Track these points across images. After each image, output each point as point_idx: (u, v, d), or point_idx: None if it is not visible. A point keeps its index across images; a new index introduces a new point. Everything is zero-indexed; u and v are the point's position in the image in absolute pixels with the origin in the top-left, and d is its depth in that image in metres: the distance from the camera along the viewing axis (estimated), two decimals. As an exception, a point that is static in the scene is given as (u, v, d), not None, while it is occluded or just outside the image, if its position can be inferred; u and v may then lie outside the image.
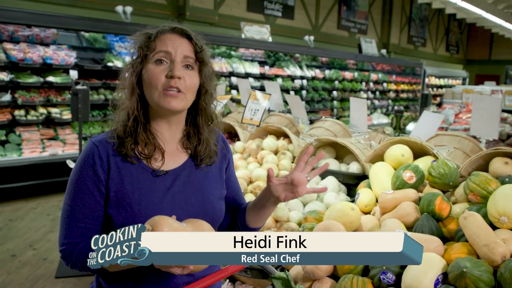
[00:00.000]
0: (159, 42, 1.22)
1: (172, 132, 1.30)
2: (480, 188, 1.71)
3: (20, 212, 5.06)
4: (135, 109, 1.23)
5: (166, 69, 1.20)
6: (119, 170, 1.22)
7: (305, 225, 1.82)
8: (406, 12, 16.57)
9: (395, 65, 14.02)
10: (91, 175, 1.20)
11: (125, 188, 1.21)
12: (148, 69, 1.21)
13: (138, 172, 1.23)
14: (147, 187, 1.22)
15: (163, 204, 1.23)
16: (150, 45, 1.22)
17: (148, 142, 1.24)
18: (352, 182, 2.33)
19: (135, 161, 1.23)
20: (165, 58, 1.21)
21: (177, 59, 1.21)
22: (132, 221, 1.19)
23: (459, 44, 21.41)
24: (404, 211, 1.77)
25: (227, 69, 8.18)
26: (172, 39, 1.22)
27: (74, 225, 1.20)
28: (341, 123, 3.09)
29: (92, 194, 1.20)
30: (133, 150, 1.23)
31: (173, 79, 1.19)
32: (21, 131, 5.69)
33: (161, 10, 8.60)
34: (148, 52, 1.22)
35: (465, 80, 17.41)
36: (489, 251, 1.40)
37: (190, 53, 1.23)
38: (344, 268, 1.55)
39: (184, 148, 1.32)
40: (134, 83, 1.23)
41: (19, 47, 5.63)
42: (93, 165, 1.20)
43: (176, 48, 1.21)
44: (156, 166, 1.26)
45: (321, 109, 10.57)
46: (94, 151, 1.21)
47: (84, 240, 1.22)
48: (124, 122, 1.25)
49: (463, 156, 2.43)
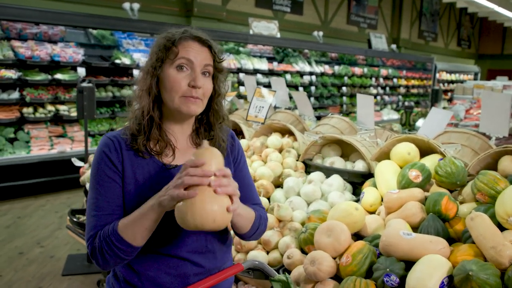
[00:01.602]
0: (182, 49, 1.26)
1: (183, 130, 1.36)
2: (488, 188, 1.66)
3: (28, 210, 5.09)
4: (151, 109, 1.29)
5: (188, 77, 1.25)
6: (132, 163, 1.28)
7: (308, 225, 1.79)
8: (416, 6, 16.38)
9: (405, 61, 13.86)
10: (110, 164, 1.26)
11: (137, 180, 1.27)
12: (169, 74, 1.26)
13: (150, 166, 1.29)
14: (158, 180, 1.28)
15: None
16: (172, 50, 1.26)
17: (161, 139, 1.31)
18: (358, 181, 2.29)
19: (147, 156, 1.29)
20: (186, 65, 1.26)
21: (198, 68, 1.26)
22: None
23: (470, 38, 21.12)
24: (409, 211, 1.72)
25: (235, 65, 8.15)
26: (195, 48, 1.27)
27: (100, 214, 1.25)
28: (348, 120, 3.05)
29: (114, 181, 1.26)
30: (144, 146, 1.29)
31: (195, 88, 1.25)
32: (30, 129, 5.72)
33: (169, 6, 8.58)
34: (170, 57, 1.26)
35: (476, 75, 17.16)
36: (497, 254, 1.35)
37: (209, 61, 1.30)
38: (347, 270, 1.52)
39: (194, 144, 1.38)
40: (153, 84, 1.28)
41: (27, 45, 5.65)
42: (109, 156, 1.26)
43: (197, 57, 1.27)
44: (166, 161, 1.32)
45: (330, 105, 10.50)
46: (110, 144, 1.28)
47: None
48: (138, 120, 1.30)
49: (472, 153, 2.37)
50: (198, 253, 1.32)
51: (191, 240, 1.31)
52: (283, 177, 2.37)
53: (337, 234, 1.61)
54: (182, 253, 1.29)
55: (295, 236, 1.89)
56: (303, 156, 2.53)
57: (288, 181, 2.22)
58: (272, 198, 2.23)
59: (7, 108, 5.56)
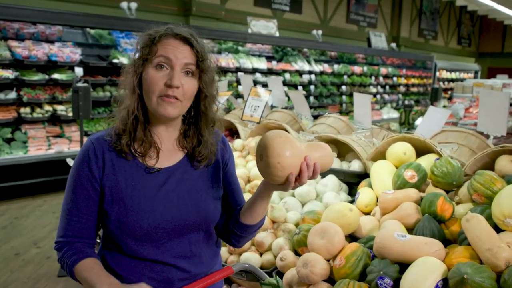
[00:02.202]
0: (161, 47, 1.22)
1: (169, 133, 1.32)
2: (484, 188, 1.63)
3: (25, 210, 5.07)
4: (135, 109, 1.25)
5: (166, 76, 1.21)
6: (114, 166, 1.25)
7: (302, 227, 1.76)
8: (416, 4, 16.32)
9: (405, 59, 13.81)
10: (86, 172, 1.24)
11: (118, 183, 1.24)
12: (148, 73, 1.22)
13: (132, 169, 1.26)
14: (140, 183, 1.25)
15: (156, 200, 1.25)
16: (152, 48, 1.22)
17: (145, 140, 1.27)
18: (354, 181, 2.26)
19: (130, 158, 1.26)
20: (165, 64, 1.21)
21: (177, 67, 1.21)
22: (125, 216, 1.23)
23: (471, 37, 21.05)
24: (404, 212, 1.69)
25: (234, 64, 8.11)
26: (174, 45, 1.22)
27: (69, 218, 1.26)
28: (344, 119, 3.02)
29: (86, 190, 1.24)
30: (128, 146, 1.26)
31: (171, 88, 1.20)
32: (27, 129, 5.69)
33: (167, 5, 8.54)
34: (150, 56, 1.22)
35: (477, 74, 17.11)
36: (492, 256, 1.33)
37: (191, 60, 1.24)
38: (340, 272, 1.49)
39: (180, 147, 1.34)
40: (135, 84, 1.24)
41: (24, 45, 5.62)
42: (88, 162, 1.24)
43: (177, 55, 1.21)
44: (150, 164, 1.28)
45: (329, 104, 10.46)
46: (90, 148, 1.25)
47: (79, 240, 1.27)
48: (124, 120, 1.27)
49: (469, 153, 2.34)
50: (183, 258, 1.29)
51: (174, 244, 1.28)
52: (278, 177, 2.34)
53: (331, 235, 1.58)
54: (165, 258, 1.26)
55: (288, 237, 1.86)
56: (299, 156, 2.50)
57: (283, 181, 2.19)
58: (266, 199, 2.20)
59: (4, 108, 5.52)
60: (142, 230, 1.22)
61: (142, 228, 1.22)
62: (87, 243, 1.27)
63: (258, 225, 1.36)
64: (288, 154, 1.12)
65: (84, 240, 1.27)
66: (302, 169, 1.15)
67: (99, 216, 1.28)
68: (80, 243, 1.26)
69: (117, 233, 1.24)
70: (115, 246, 1.27)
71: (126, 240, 1.24)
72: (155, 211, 1.24)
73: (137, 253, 1.25)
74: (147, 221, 1.22)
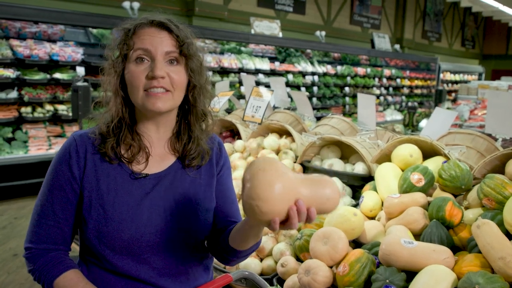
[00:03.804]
0: (137, 39, 1.11)
1: (160, 135, 1.20)
2: (495, 193, 1.56)
3: (25, 210, 5.02)
4: (120, 111, 1.15)
5: (147, 69, 1.10)
6: (96, 168, 1.14)
7: (304, 231, 1.69)
8: (420, 6, 16.24)
9: (409, 61, 13.73)
10: (66, 171, 1.13)
11: (100, 188, 1.13)
12: (129, 69, 1.12)
13: (116, 173, 1.15)
14: (124, 189, 1.14)
15: (140, 209, 1.14)
16: (128, 43, 1.12)
17: (133, 144, 1.15)
18: (358, 184, 2.19)
19: (115, 162, 1.15)
20: (145, 56, 1.11)
21: (158, 57, 1.10)
22: (104, 225, 1.11)
23: (475, 38, 20.94)
24: (411, 217, 1.62)
25: (237, 65, 8.06)
26: (151, 34, 1.12)
27: (44, 222, 1.14)
28: (348, 120, 2.95)
29: (64, 191, 1.13)
30: (113, 150, 1.14)
31: (155, 79, 1.09)
32: (28, 128, 5.66)
33: (169, 6, 8.50)
34: (127, 51, 1.11)
35: (481, 76, 17.00)
36: (505, 265, 1.26)
37: (172, 47, 1.12)
38: (344, 280, 1.43)
39: (172, 150, 1.22)
40: (116, 84, 1.14)
41: (26, 44, 5.59)
42: (69, 160, 1.13)
43: (155, 44, 1.10)
44: (137, 169, 1.16)
45: (333, 105, 10.39)
46: (72, 145, 1.15)
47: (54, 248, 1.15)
48: (107, 123, 1.16)
49: (477, 156, 2.27)
50: (167, 276, 1.17)
51: (158, 260, 1.15)
52: (280, 179, 2.28)
53: (334, 241, 1.51)
54: (147, 275, 1.14)
55: (290, 242, 1.80)
56: (301, 158, 2.44)
57: (285, 184, 2.13)
58: (268, 202, 2.14)
59: (5, 107, 5.49)
60: (122, 242, 1.11)
61: (122, 240, 1.11)
62: (63, 250, 1.16)
63: (249, 251, 1.22)
64: (271, 197, 0.90)
65: (59, 247, 1.16)
66: (290, 215, 0.92)
67: (76, 222, 1.17)
68: (55, 252, 1.15)
69: (95, 243, 1.12)
70: (93, 258, 1.16)
71: (105, 252, 1.12)
72: (138, 221, 1.12)
73: (117, 268, 1.13)
74: (128, 232, 1.11)
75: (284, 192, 0.91)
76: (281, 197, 0.91)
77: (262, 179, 0.91)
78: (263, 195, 0.90)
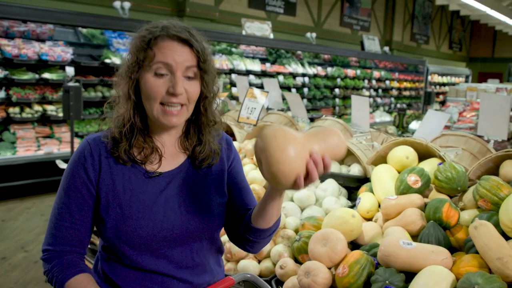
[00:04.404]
0: (158, 51, 1.11)
1: (171, 136, 1.24)
2: (491, 194, 1.58)
3: (13, 212, 4.95)
4: (131, 116, 1.17)
5: (167, 83, 1.12)
6: (111, 170, 1.17)
7: (302, 233, 1.70)
8: (409, 9, 16.39)
9: (397, 63, 13.85)
10: (82, 173, 1.16)
11: (116, 188, 1.16)
12: (147, 80, 1.12)
13: (131, 173, 1.18)
14: (139, 188, 1.18)
15: (155, 206, 1.18)
16: (147, 53, 1.12)
17: (146, 146, 1.19)
18: (353, 185, 2.20)
19: (128, 163, 1.18)
20: (165, 71, 1.12)
21: (178, 72, 1.12)
22: (122, 223, 1.15)
23: (462, 41, 21.21)
24: (408, 218, 1.64)
25: (228, 66, 8.05)
26: (173, 49, 1.12)
27: (61, 224, 1.17)
28: (342, 122, 2.97)
29: (81, 193, 1.16)
30: (126, 153, 1.18)
31: (175, 96, 1.11)
32: (16, 129, 5.57)
33: (160, 6, 8.46)
34: (146, 62, 1.12)
35: (468, 78, 17.22)
36: (503, 265, 1.27)
37: (192, 62, 1.14)
38: (343, 281, 1.43)
39: (182, 149, 1.26)
40: (131, 90, 1.15)
41: (14, 43, 5.51)
42: (84, 164, 1.16)
43: (176, 59, 1.11)
44: (150, 168, 1.20)
45: (323, 107, 10.43)
46: (86, 149, 1.17)
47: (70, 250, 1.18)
48: (119, 128, 1.18)
49: (470, 157, 2.30)
50: (185, 268, 1.21)
51: (175, 253, 1.20)
52: (275, 181, 2.28)
53: (333, 243, 1.52)
54: (166, 268, 1.19)
55: (288, 244, 1.80)
56: (297, 159, 2.44)
57: (281, 185, 2.13)
58: (264, 203, 2.13)
59: (-7, 107, 5.42)
60: (140, 238, 1.15)
61: (140, 237, 1.15)
62: (78, 253, 1.19)
63: (272, 229, 1.24)
64: (289, 157, 0.97)
65: (76, 250, 1.18)
66: (310, 169, 1.00)
67: (93, 223, 1.20)
68: (71, 255, 1.17)
69: (115, 241, 1.16)
70: (113, 256, 1.20)
71: (124, 249, 1.16)
72: (155, 218, 1.16)
73: (136, 263, 1.17)
74: (146, 229, 1.15)
75: (299, 149, 0.99)
76: (298, 155, 0.99)
77: (276, 145, 0.98)
78: (282, 158, 0.97)
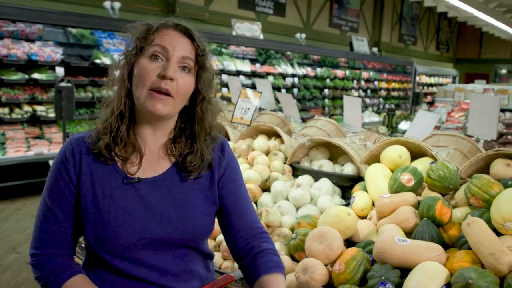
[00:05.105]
0: (158, 36, 1.12)
1: (155, 137, 1.19)
2: (482, 192, 1.62)
3: (3, 214, 4.90)
4: (122, 104, 1.13)
5: (160, 67, 1.10)
6: (91, 172, 1.13)
7: (299, 231, 1.72)
8: (397, 10, 16.56)
9: (386, 64, 13.99)
10: (64, 174, 1.13)
11: (95, 192, 1.13)
12: (141, 63, 1.11)
13: (111, 177, 1.14)
14: (119, 194, 1.13)
15: (135, 214, 1.13)
16: (148, 38, 1.12)
17: (128, 142, 1.14)
18: (347, 184, 2.24)
19: (109, 162, 1.14)
20: (161, 55, 1.11)
21: (174, 58, 1.11)
22: (101, 229, 1.10)
23: (449, 43, 21.49)
24: (402, 216, 1.67)
25: (218, 66, 8.06)
26: (173, 36, 1.12)
27: (46, 226, 1.14)
28: (334, 122, 3.00)
29: (64, 195, 1.13)
30: (108, 149, 1.13)
31: (165, 79, 1.08)
32: (5, 130, 5.52)
33: (150, 6, 8.44)
34: (145, 44, 1.11)
35: (455, 79, 17.45)
36: (495, 260, 1.31)
37: (189, 54, 1.13)
38: (340, 278, 1.46)
39: (168, 155, 1.20)
40: (125, 75, 1.13)
41: (3, 43, 5.46)
42: (65, 164, 1.13)
43: (174, 46, 1.11)
44: (131, 171, 1.15)
45: (312, 107, 10.49)
46: (68, 149, 1.14)
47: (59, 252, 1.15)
48: (107, 117, 1.15)
49: (460, 156, 2.35)
50: (171, 275, 1.16)
51: (159, 261, 1.15)
52: (270, 180, 2.30)
53: (330, 240, 1.55)
54: (151, 276, 1.14)
55: (284, 242, 1.83)
56: (291, 159, 2.47)
57: (277, 185, 2.16)
58: (259, 203, 2.16)
59: (-18, 108, 5.36)
60: (118, 246, 1.11)
61: (118, 244, 1.11)
62: (67, 255, 1.16)
63: None
64: None
65: (64, 251, 1.15)
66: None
67: (78, 225, 1.17)
68: (61, 257, 1.15)
69: (94, 246, 1.12)
70: (96, 260, 1.16)
71: (104, 256, 1.12)
72: (134, 226, 1.12)
73: (118, 269, 1.13)
74: (124, 237, 1.11)
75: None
76: None
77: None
78: None
